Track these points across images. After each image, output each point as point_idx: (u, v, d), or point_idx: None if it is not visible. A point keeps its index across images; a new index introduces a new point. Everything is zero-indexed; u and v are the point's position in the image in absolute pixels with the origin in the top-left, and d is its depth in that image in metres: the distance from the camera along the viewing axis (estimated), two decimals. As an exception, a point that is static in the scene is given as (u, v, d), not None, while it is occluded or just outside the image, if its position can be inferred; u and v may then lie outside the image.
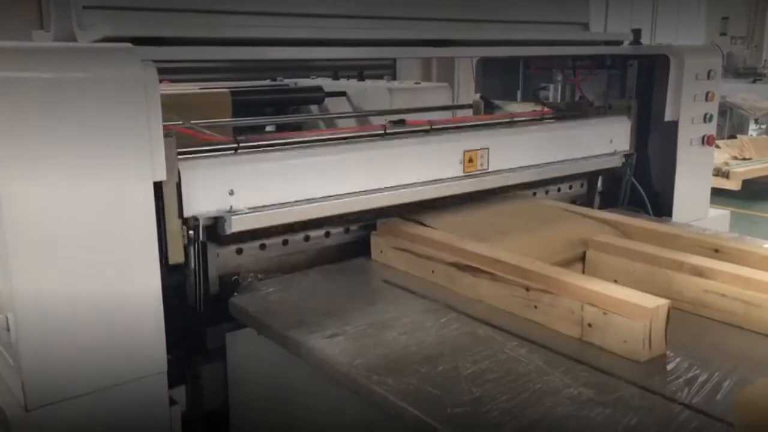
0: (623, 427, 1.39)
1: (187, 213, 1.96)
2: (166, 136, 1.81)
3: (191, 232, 1.97)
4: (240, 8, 2.12)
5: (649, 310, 1.63)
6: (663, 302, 1.65)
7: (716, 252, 2.13)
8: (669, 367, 1.63)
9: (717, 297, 1.89)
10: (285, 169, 2.17)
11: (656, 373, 1.61)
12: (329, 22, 2.43)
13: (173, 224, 1.92)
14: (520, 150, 2.73)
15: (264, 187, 2.12)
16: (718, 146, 9.58)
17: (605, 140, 3.01)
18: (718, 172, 8.19)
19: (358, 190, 2.32)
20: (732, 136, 10.22)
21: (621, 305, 1.68)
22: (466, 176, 2.57)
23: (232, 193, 2.04)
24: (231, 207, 2.02)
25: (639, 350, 1.64)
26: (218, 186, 2.03)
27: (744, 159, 8.86)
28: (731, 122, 11.19)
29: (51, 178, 1.62)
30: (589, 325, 1.73)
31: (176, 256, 1.95)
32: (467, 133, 2.64)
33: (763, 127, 11.37)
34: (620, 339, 1.67)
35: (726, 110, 10.92)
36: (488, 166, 2.61)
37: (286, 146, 2.27)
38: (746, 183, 8.20)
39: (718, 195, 7.95)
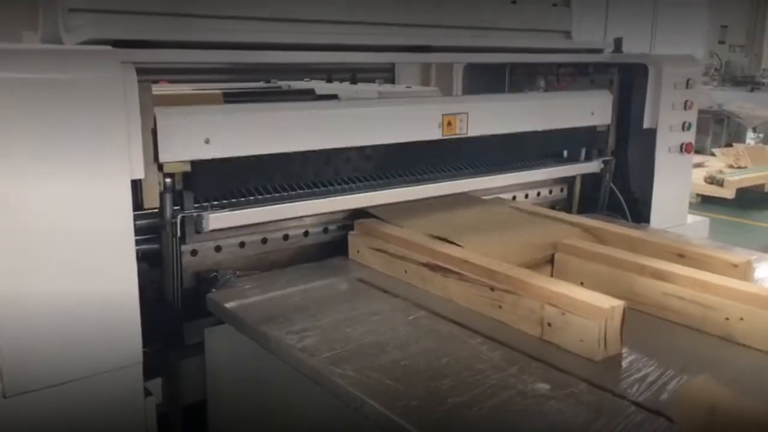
0: (571, 420, 1.45)
1: (163, 159, 1.99)
2: (140, 81, 1.83)
3: (167, 179, 2.02)
4: (219, 13, 2.20)
5: (604, 311, 1.69)
6: (618, 303, 1.71)
7: (681, 257, 2.19)
8: (623, 365, 1.69)
9: (675, 300, 1.94)
10: (260, 118, 2.20)
11: (610, 371, 1.66)
12: (312, 27, 2.50)
13: (150, 170, 1.94)
14: (499, 116, 2.76)
15: (239, 135, 2.15)
16: (713, 154, 9.70)
17: (587, 112, 3.04)
18: (713, 180, 8.25)
19: (336, 146, 2.37)
20: (728, 145, 10.28)
21: (578, 305, 1.74)
22: (444, 139, 2.61)
23: (207, 141, 2.07)
24: (207, 156, 2.07)
25: (594, 349, 1.70)
26: (194, 133, 2.06)
27: (739, 167, 8.92)
28: (728, 130, 11.25)
29: (30, 175, 1.68)
30: (549, 324, 1.79)
31: (151, 201, 1.99)
32: (447, 98, 2.69)
33: (761, 135, 11.42)
34: (577, 338, 1.73)
35: (723, 118, 11.00)
36: (467, 130, 2.65)
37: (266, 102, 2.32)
38: (740, 191, 8.25)
39: (712, 203, 8.08)
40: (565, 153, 3.21)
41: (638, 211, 3.19)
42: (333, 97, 4.45)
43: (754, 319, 1.79)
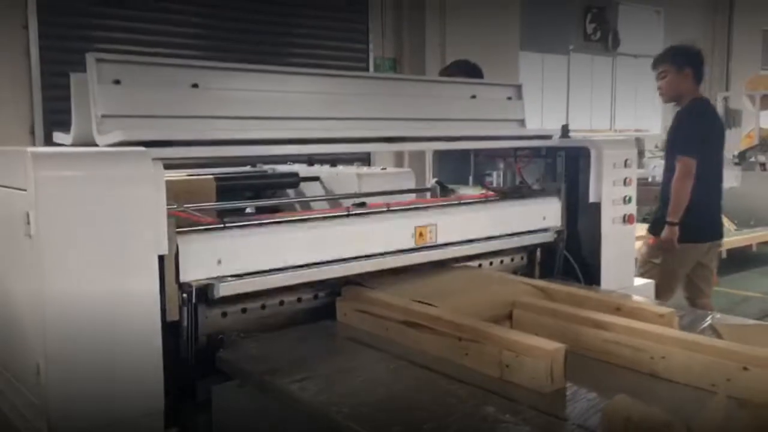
0: (522, 437, 1.82)
1: (183, 279, 2.37)
2: (168, 218, 2.26)
3: (185, 295, 2.40)
4: (230, 114, 2.64)
5: (549, 352, 2.08)
6: (560, 346, 2.10)
7: (618, 310, 2.60)
8: (567, 396, 2.07)
9: (612, 345, 2.34)
10: (263, 243, 2.61)
11: (556, 400, 2.04)
12: (303, 123, 2.96)
13: (171, 288, 2.33)
14: (464, 226, 3.20)
15: (246, 257, 2.55)
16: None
17: (539, 217, 3.51)
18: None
19: (325, 260, 2.76)
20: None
21: (529, 349, 2.12)
22: (417, 248, 3.04)
23: (219, 262, 2.47)
24: (219, 274, 2.45)
25: (543, 384, 2.08)
26: (208, 257, 2.45)
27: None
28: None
29: (79, 256, 2.07)
30: (507, 366, 2.17)
31: (173, 315, 2.36)
32: (418, 212, 3.12)
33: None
34: (529, 376, 2.11)
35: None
36: (436, 239, 3.08)
37: (265, 225, 2.72)
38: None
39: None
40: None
41: (590, 275, 3.60)
42: (315, 179, 4.91)
43: (672, 357, 2.20)
